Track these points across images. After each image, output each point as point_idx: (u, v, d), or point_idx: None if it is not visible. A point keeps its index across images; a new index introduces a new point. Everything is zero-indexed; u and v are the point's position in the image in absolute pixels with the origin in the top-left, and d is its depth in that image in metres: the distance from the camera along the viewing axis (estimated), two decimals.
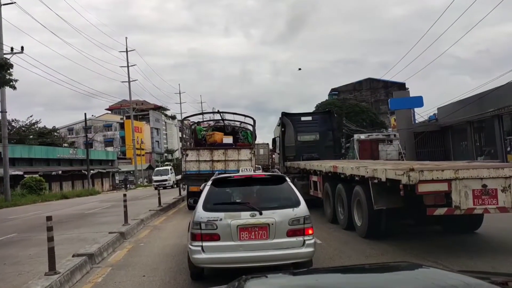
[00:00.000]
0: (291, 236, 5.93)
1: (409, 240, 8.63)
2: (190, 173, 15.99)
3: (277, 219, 5.90)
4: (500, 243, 8.35)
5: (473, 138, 24.99)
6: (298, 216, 6.01)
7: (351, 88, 67.46)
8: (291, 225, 5.94)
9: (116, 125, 74.47)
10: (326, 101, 57.92)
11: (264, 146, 33.75)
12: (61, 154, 42.37)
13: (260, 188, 6.71)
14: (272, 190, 6.69)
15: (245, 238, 5.85)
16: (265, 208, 5.98)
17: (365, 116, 49.56)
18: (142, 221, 12.74)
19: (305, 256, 5.98)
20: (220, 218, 5.87)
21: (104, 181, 52.43)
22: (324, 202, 11.95)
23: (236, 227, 5.84)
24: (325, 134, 16.89)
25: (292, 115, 17.64)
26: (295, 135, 16.70)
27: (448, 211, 6.88)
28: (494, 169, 6.97)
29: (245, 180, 6.79)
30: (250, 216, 5.90)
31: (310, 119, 17.46)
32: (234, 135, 18.02)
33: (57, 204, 25.17)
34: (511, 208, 6.89)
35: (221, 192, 6.58)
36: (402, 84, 61.84)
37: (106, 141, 72.99)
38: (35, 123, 51.60)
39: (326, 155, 16.04)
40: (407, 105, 28.59)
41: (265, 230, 5.88)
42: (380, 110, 61.89)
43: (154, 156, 79.46)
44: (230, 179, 6.77)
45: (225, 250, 5.84)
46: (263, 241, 5.87)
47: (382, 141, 19.87)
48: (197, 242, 5.88)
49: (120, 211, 12.05)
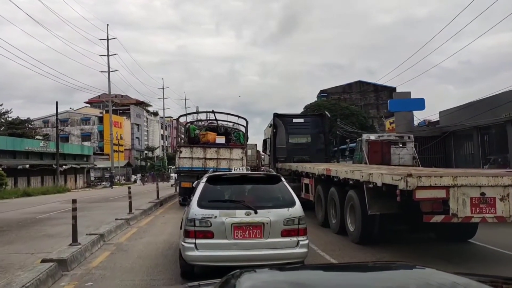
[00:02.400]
0: (286, 236, 5.92)
1: (402, 247, 8.57)
2: (183, 169, 16.41)
3: (272, 218, 5.89)
4: (493, 253, 8.18)
5: (480, 145, 23.03)
6: (293, 216, 6.00)
7: (341, 90, 65.70)
8: (285, 225, 5.93)
9: (94, 119, 70.95)
10: (315, 102, 56.28)
11: (252, 147, 32.65)
12: (30, 146, 38.82)
13: (255, 187, 6.67)
14: (268, 190, 6.63)
15: (239, 236, 5.82)
16: (260, 207, 5.93)
17: (354, 119, 47.73)
18: (102, 238, 9.23)
19: (298, 256, 5.96)
20: (214, 216, 5.82)
21: (78, 178, 48.94)
22: (316, 205, 11.77)
23: (230, 225, 5.80)
24: (316, 136, 16.97)
25: (284, 116, 17.48)
26: (287, 137, 16.69)
27: (445, 218, 6.77)
28: (493, 177, 6.82)
29: (241, 178, 6.77)
30: (245, 214, 5.87)
31: (302, 121, 17.67)
32: (227, 136, 18.26)
33: (12, 204, 21.79)
34: (509, 218, 6.75)
35: (216, 189, 6.50)
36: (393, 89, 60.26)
37: (83, 135, 69.32)
38: (5, 112, 48.21)
39: (317, 158, 16.01)
40: (407, 107, 26.74)
41: (259, 229, 5.86)
42: (369, 114, 60.30)
43: (134, 153, 76.28)
44: (225, 177, 6.79)
45: (218, 248, 5.79)
46: (257, 240, 5.85)
47: (394, 143, 17.62)
48: (190, 239, 5.80)
49: (80, 217, 9.14)
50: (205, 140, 17.22)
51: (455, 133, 25.59)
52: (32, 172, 38.74)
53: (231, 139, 18.33)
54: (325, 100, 57.30)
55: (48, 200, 23.05)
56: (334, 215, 10.33)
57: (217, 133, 18.23)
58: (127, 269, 7.03)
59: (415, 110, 27.33)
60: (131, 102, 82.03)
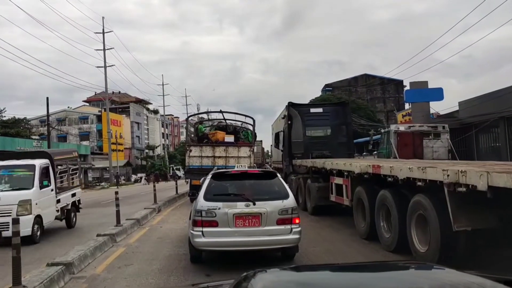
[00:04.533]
0: (280, 224, 6.74)
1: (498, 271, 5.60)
2: (193, 167, 16.75)
3: (268, 209, 6.71)
4: None
5: (508, 137, 20.99)
6: (287, 207, 6.82)
7: (346, 84, 63.61)
8: (280, 215, 6.74)
9: (93, 117, 69.00)
10: (320, 96, 54.31)
11: (258, 144, 31.50)
12: (23, 146, 36.87)
13: (254, 182, 7.45)
14: (265, 184, 7.39)
15: (240, 225, 6.65)
16: (258, 199, 6.74)
17: (362, 113, 45.68)
18: (70, 267, 6.73)
19: (291, 242, 6.85)
20: (218, 207, 6.65)
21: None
22: (355, 211, 9.65)
23: (232, 215, 6.62)
24: (337, 128, 15.29)
25: (300, 106, 16.13)
26: (304, 129, 15.06)
27: None
28: None
29: (241, 174, 7.49)
30: (245, 206, 6.67)
31: (320, 111, 15.86)
32: (236, 135, 18.47)
33: None
34: None
35: (220, 184, 7.28)
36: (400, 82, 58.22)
37: (81, 135, 67.35)
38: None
39: (338, 153, 14.39)
40: (425, 97, 24.85)
41: (257, 219, 6.67)
42: (376, 109, 58.22)
43: (134, 152, 74.39)
44: (228, 174, 7.56)
45: (222, 235, 6.63)
46: (255, 228, 6.67)
47: (427, 134, 15.53)
48: (198, 227, 6.66)
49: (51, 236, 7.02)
50: (215, 139, 17.58)
51: (477, 125, 23.68)
52: None
53: (239, 137, 18.51)
54: (331, 94, 55.34)
55: None
56: (386, 228, 8.16)
57: (226, 132, 18.49)
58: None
59: (433, 101, 25.34)
60: (130, 100, 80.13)
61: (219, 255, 7.36)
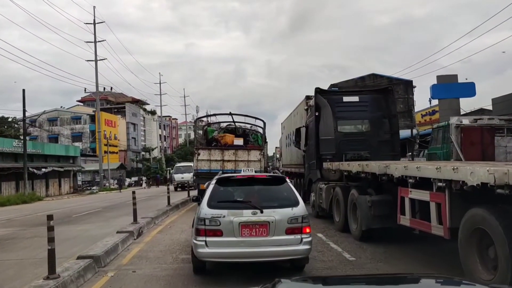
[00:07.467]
0: (290, 234, 6.21)
1: None
2: (201, 171, 16.33)
3: (276, 217, 6.18)
4: None
5: None
6: (297, 215, 6.28)
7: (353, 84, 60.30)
8: (289, 224, 6.22)
9: (86, 117, 65.78)
10: None
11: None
12: (1, 146, 33.59)
13: (261, 188, 6.96)
14: (273, 190, 6.91)
15: (246, 234, 6.14)
16: (266, 207, 6.24)
17: None
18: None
19: (302, 253, 6.31)
20: (223, 215, 6.16)
21: (62, 182, 43.60)
22: (461, 244, 5.76)
23: (238, 224, 6.12)
24: (378, 122, 12.06)
25: (331, 93, 13.30)
26: (335, 124, 11.77)
27: None
28: None
29: (248, 180, 7.07)
30: (251, 214, 6.18)
31: (356, 100, 12.52)
32: (245, 137, 18.02)
33: None
34: None
35: (225, 190, 6.82)
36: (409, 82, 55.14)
37: (74, 136, 64.17)
38: None
39: (379, 154, 11.25)
40: (455, 93, 21.77)
41: (265, 228, 6.16)
42: None
43: (130, 154, 71.09)
44: (233, 179, 7.07)
45: (227, 246, 6.15)
46: (263, 238, 6.15)
47: (499, 129, 12.16)
48: (201, 237, 6.17)
49: None
50: (224, 142, 17.09)
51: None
52: (4, 176, 33.43)
53: (249, 140, 18.02)
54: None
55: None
56: None
57: (235, 134, 17.90)
58: None
59: (463, 97, 22.12)
60: (126, 100, 76.96)
61: (225, 264, 6.72)
